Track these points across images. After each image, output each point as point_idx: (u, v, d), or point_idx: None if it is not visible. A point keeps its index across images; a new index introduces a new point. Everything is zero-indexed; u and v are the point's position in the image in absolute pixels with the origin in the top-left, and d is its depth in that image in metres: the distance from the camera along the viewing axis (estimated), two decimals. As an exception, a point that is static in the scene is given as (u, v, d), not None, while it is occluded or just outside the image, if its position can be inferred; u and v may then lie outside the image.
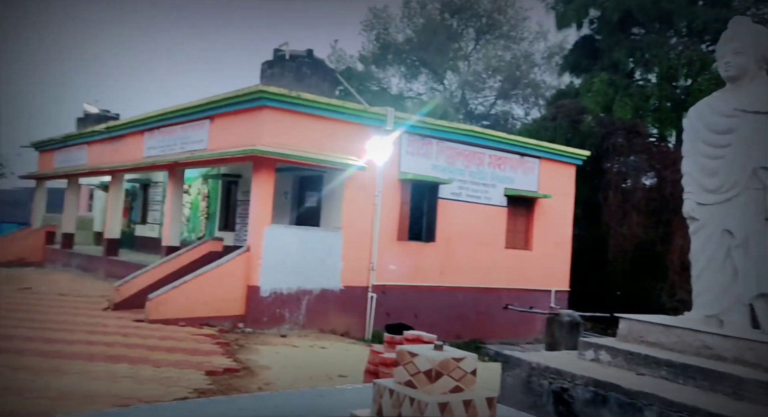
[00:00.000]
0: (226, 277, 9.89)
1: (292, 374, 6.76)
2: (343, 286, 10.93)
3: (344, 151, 10.90)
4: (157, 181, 18.00)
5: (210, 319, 9.59)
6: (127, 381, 5.63)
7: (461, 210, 12.68)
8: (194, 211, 16.20)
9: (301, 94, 10.47)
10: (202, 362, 6.75)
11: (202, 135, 11.90)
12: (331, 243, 10.87)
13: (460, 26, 27.68)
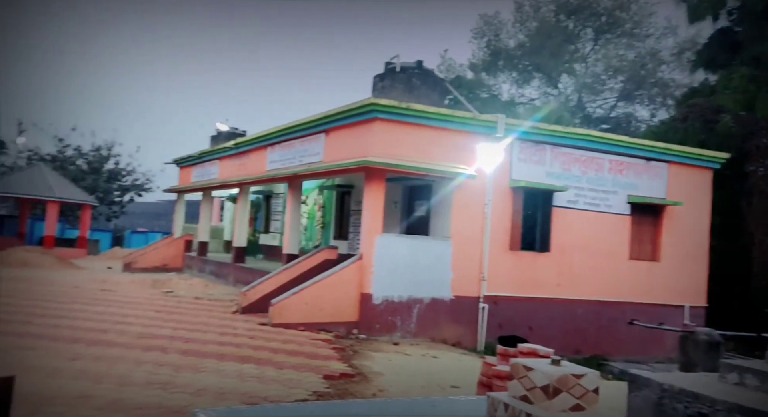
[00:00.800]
0: (341, 284, 10.27)
1: (405, 382, 6.83)
2: (454, 296, 10.85)
3: (453, 159, 10.87)
4: (278, 192, 19.23)
5: (326, 325, 10.00)
6: (253, 381, 6.05)
7: (579, 218, 12.06)
8: (311, 221, 17.05)
9: (410, 105, 10.63)
10: (320, 366, 7.05)
11: (318, 148, 12.51)
12: (441, 252, 10.86)
13: (577, 27, 26.53)
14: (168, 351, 7.14)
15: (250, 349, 7.72)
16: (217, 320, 10.14)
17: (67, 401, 4.81)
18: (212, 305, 12.13)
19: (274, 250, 18.28)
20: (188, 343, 7.77)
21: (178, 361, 6.66)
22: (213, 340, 8.15)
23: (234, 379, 6.02)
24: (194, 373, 6.17)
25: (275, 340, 8.53)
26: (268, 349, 7.83)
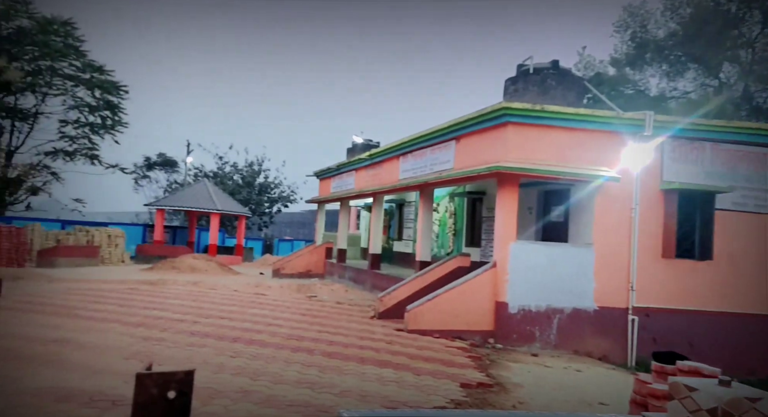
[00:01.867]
0: (475, 292, 10.15)
1: (547, 395, 6.54)
2: (598, 307, 10.16)
3: (594, 161, 10.23)
4: (410, 200, 19.62)
5: (461, 333, 9.94)
6: (392, 385, 6.21)
7: (748, 222, 10.66)
8: (443, 228, 17.11)
9: (545, 107, 10.24)
10: (456, 374, 7.03)
11: (449, 155, 12.55)
12: (582, 260, 10.24)
13: (741, 10, 23.57)
14: (314, 353, 7.61)
15: (389, 353, 7.94)
16: (357, 324, 10.58)
17: (230, 395, 5.34)
18: (352, 310, 12.69)
19: (407, 257, 18.64)
20: (332, 345, 8.21)
21: (323, 362, 7.07)
22: (354, 343, 8.52)
23: (375, 383, 6.23)
24: (338, 374, 6.50)
25: (412, 346, 8.68)
26: (405, 354, 7.99)
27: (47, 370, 5.75)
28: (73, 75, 28.31)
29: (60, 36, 26.60)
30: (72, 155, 29.73)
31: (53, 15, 26.62)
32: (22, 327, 8.12)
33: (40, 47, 25.90)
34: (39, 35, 25.46)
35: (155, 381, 1.57)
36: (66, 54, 27.07)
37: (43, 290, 13.16)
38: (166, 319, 9.55)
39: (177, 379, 1.58)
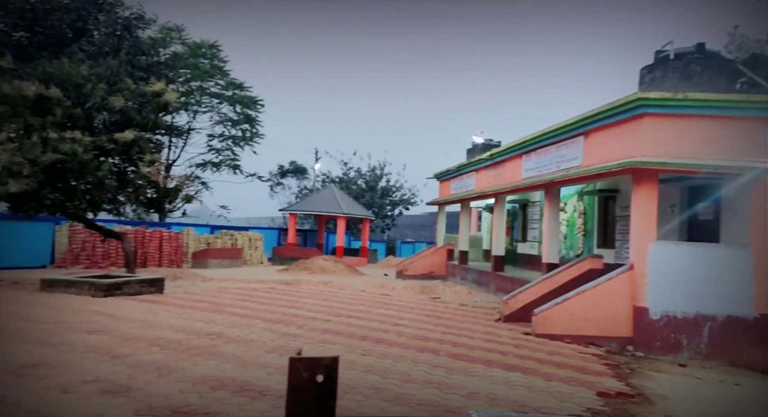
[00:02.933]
0: (609, 295, 9.54)
1: (697, 410, 5.95)
2: (759, 314, 9.03)
3: (749, 153, 9.11)
4: (534, 200, 18.94)
5: (595, 339, 9.39)
6: (521, 389, 6.06)
7: None
8: (571, 229, 16.28)
9: (688, 95, 9.34)
10: (591, 382, 6.66)
11: (577, 152, 11.92)
12: (737, 262, 9.17)
13: None
14: (439, 353, 7.66)
15: (516, 357, 7.75)
16: (482, 327, 10.45)
17: (362, 391, 5.58)
18: (476, 312, 12.56)
19: (532, 259, 18.00)
20: (457, 347, 8.21)
21: (449, 363, 7.10)
22: (479, 346, 8.44)
23: (503, 386, 6.12)
24: (465, 376, 6.48)
25: (540, 351, 8.39)
26: (534, 359, 7.74)
27: (205, 360, 6.44)
28: (218, 93, 31.47)
29: (207, 58, 29.72)
30: (218, 166, 33.00)
31: (201, 39, 29.82)
32: (182, 321, 9.16)
33: (191, 69, 29.15)
34: (190, 59, 28.67)
35: (305, 365, 1.72)
36: (213, 74, 30.18)
37: (198, 288, 14.74)
38: (302, 317, 10.20)
39: (324, 365, 1.72)
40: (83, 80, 13.68)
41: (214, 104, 32.03)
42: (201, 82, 30.43)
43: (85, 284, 11.91)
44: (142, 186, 15.12)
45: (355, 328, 9.37)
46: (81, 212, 14.58)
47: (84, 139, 13.11)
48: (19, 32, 19.97)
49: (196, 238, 26.17)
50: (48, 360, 5.97)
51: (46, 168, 12.76)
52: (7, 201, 13.24)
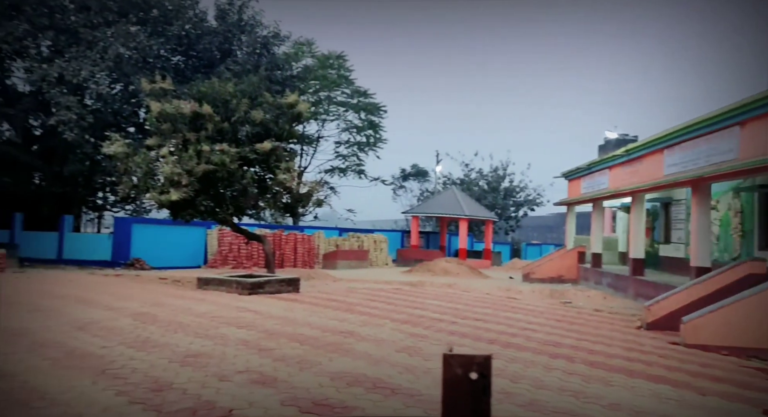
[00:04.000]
0: (776, 305, 8.40)
1: None
2: None
3: None
4: (678, 198, 17.27)
5: (758, 352, 8.34)
6: (671, 403, 5.57)
7: None
8: (725, 229, 14.59)
9: None
10: (756, 398, 5.93)
11: (731, 144, 10.68)
12: None
13: None
14: (574, 361, 7.30)
15: (663, 368, 7.13)
16: (620, 335, 9.76)
17: (493, 395, 5.50)
18: (612, 319, 11.77)
19: (677, 262, 16.43)
20: (593, 354, 7.76)
21: (585, 371, 6.73)
22: (619, 354, 7.90)
23: (648, 399, 5.68)
24: (604, 385, 6.11)
25: (692, 362, 7.63)
26: (685, 371, 7.06)
27: (340, 357, 6.78)
28: (344, 101, 33.03)
29: (334, 69, 31.35)
30: (344, 171, 34.57)
31: (329, 51, 31.52)
32: (318, 319, 9.72)
33: (320, 80, 30.92)
34: (319, 70, 30.45)
35: (459, 362, 1.76)
36: (339, 84, 31.76)
37: (329, 288, 15.55)
38: (428, 318, 10.31)
39: (477, 362, 1.75)
40: (230, 97, 15.10)
41: (341, 112, 33.60)
42: (329, 91, 32.11)
43: (233, 283, 13.13)
44: (279, 192, 16.30)
45: (482, 331, 9.26)
46: (228, 217, 16.08)
47: (231, 150, 14.46)
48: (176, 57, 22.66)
49: (326, 241, 27.60)
50: (207, 350, 6.68)
51: (200, 178, 14.27)
52: (168, 208, 15.01)
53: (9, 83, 21.73)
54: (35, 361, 5.75)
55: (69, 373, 5.35)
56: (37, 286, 13.21)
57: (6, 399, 4.49)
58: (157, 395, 4.81)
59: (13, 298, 10.71)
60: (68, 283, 14.42)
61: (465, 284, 18.48)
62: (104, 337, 7.16)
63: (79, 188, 25.13)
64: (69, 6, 19.38)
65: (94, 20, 19.18)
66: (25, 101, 20.65)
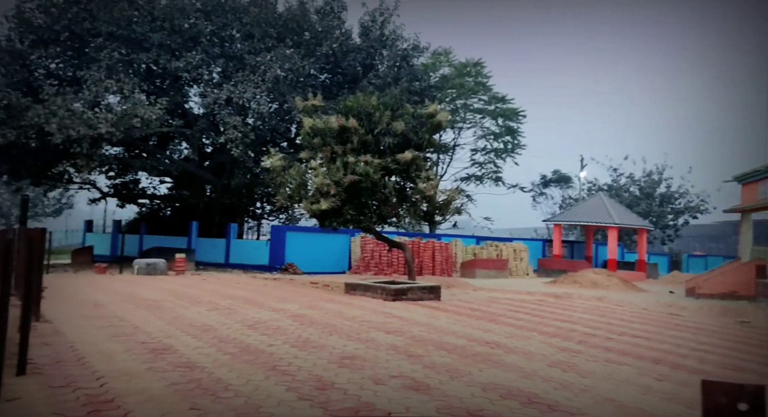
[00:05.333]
0: None
1: None
2: None
3: None
4: None
5: None
6: None
7: None
8: None
9: None
10: None
11: None
12: None
13: None
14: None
15: None
16: (819, 364, 8.34)
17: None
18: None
19: None
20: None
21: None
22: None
23: None
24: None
25: None
26: None
27: (489, 368, 6.68)
28: (481, 108, 32.77)
29: (472, 76, 31.30)
30: (481, 179, 34.17)
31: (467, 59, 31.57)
32: (461, 327, 9.69)
33: (457, 89, 31.06)
34: (456, 79, 30.62)
35: (723, 390, 1.63)
36: (477, 91, 31.63)
37: (470, 297, 15.43)
38: (579, 332, 9.74)
39: (747, 392, 1.61)
40: (373, 109, 15.78)
41: (477, 119, 33.35)
42: (465, 99, 32.10)
43: (378, 289, 13.62)
44: (418, 200, 16.60)
45: (643, 349, 8.50)
46: (372, 225, 16.75)
47: (374, 161, 15.07)
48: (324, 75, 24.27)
49: (463, 249, 27.45)
50: (360, 353, 7.00)
51: (347, 188, 15.07)
52: (317, 217, 16.04)
53: (187, 107, 24.96)
54: (218, 355, 6.48)
55: (245, 367, 5.94)
56: (212, 287, 14.92)
57: (197, 388, 5.12)
58: (322, 393, 5.14)
59: (197, 298, 12.22)
60: (235, 284, 16.08)
61: (617, 298, 17.15)
62: (271, 336, 7.85)
63: (243, 199, 27.97)
64: (236, 35, 21.76)
65: (256, 46, 21.30)
66: (200, 122, 23.57)
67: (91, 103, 18.57)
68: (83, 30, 19.90)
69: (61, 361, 5.80)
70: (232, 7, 21.89)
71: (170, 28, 20.48)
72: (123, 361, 5.97)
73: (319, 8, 23.78)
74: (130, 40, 20.15)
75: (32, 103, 17.93)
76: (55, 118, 17.08)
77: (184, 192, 28.62)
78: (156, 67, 21.67)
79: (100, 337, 7.29)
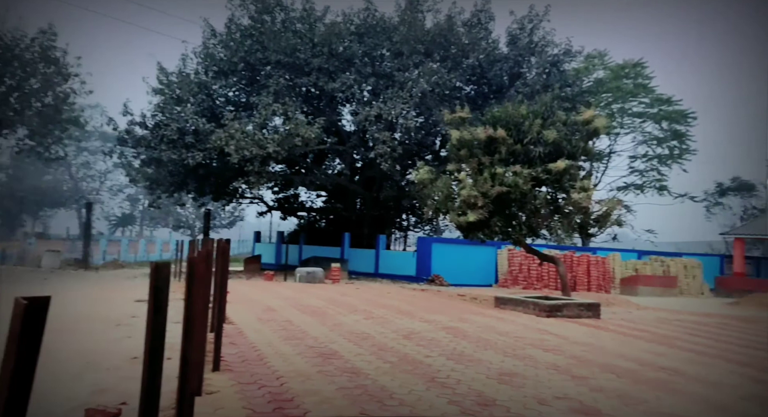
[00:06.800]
0: None
1: None
2: None
3: None
4: None
5: None
6: None
7: None
8: None
9: None
10: None
11: None
12: None
13: None
14: None
15: None
16: None
17: None
18: None
19: None
20: None
21: None
22: None
23: None
24: None
25: None
26: None
27: (669, 396, 6.04)
28: (641, 112, 30.13)
29: (630, 78, 29.00)
30: (641, 188, 31.33)
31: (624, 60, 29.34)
32: (628, 349, 8.91)
33: (614, 92, 29.00)
34: (612, 82, 28.58)
35: None
36: (636, 93, 29.20)
37: (634, 316, 14.15)
38: (778, 365, 8.39)
39: None
40: (522, 119, 15.36)
41: (637, 124, 30.72)
42: (622, 103, 29.78)
43: (531, 304, 13.11)
44: (572, 212, 15.71)
45: None
46: (521, 237, 16.22)
47: (523, 171, 14.63)
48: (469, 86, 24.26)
49: (622, 264, 25.36)
50: (519, 371, 6.77)
51: (494, 199, 14.81)
52: (462, 229, 15.95)
53: (340, 125, 26.63)
54: (379, 363, 6.73)
55: (406, 377, 6.09)
56: (365, 296, 15.60)
57: (363, 393, 5.35)
58: (485, 409, 5.06)
59: (353, 306, 12.88)
60: (386, 294, 16.63)
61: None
62: (426, 347, 7.95)
63: (390, 211, 28.96)
64: (386, 54, 22.74)
65: (405, 63, 22.06)
66: (352, 139, 24.96)
67: (261, 125, 20.67)
68: (256, 60, 22.30)
69: (246, 360, 6.47)
70: (383, 28, 22.92)
71: (328, 53, 22.06)
72: (297, 362, 6.48)
73: (466, 21, 23.87)
74: (294, 66, 22.10)
75: (214, 128, 20.50)
76: (233, 141, 19.31)
77: (337, 205, 30.47)
78: (314, 89, 23.47)
79: (276, 339, 8.00)
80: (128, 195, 63.78)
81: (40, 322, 1.44)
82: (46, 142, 20.91)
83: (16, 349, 1.41)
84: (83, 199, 55.13)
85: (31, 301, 1.45)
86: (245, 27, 22.86)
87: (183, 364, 3.29)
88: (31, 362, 1.45)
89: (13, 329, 1.45)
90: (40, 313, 1.46)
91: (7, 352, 1.44)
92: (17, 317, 1.42)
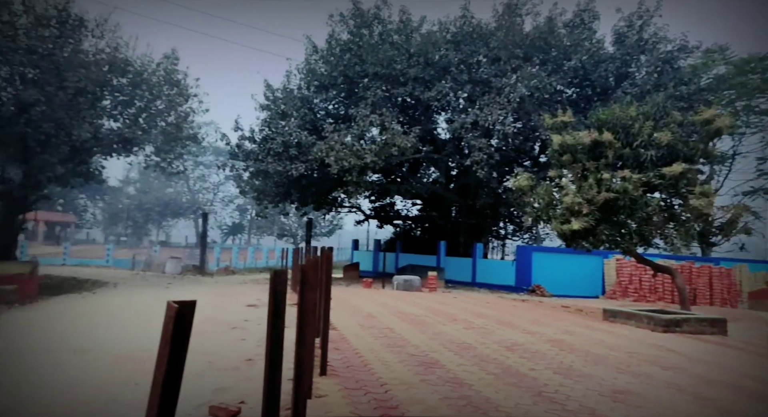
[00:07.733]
0: None
1: None
2: None
3: None
4: None
5: None
6: None
7: None
8: None
9: None
10: None
11: None
12: None
13: None
14: None
15: None
16: None
17: None
18: None
19: None
20: None
21: None
22: None
23: None
24: None
25: None
26: None
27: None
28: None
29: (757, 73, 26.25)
30: (773, 192, 28.14)
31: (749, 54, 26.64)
32: (761, 372, 8.01)
33: (737, 89, 26.37)
34: (736, 78, 26.05)
35: None
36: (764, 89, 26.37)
37: (765, 334, 12.71)
38: None
39: None
40: (631, 121, 14.45)
41: (765, 123, 27.69)
42: (748, 100, 27.00)
43: (644, 318, 12.22)
44: (690, 219, 14.48)
45: None
46: (632, 247, 15.20)
47: (633, 176, 13.73)
48: (570, 89, 23.27)
49: (750, 276, 22.90)
50: (635, 389, 6.32)
51: (601, 206, 14.02)
52: (566, 237, 15.23)
53: (436, 133, 26.64)
54: (482, 374, 6.60)
55: (511, 390, 5.91)
56: (463, 305, 15.41)
57: (468, 405, 5.28)
58: (598, 429, 4.78)
59: (452, 315, 12.78)
60: (485, 304, 16.30)
61: None
62: (530, 360, 7.68)
63: (487, 219, 28.42)
64: (483, 60, 22.48)
65: (502, 69, 21.65)
66: (447, 147, 24.87)
67: (359, 136, 21.24)
68: (354, 73, 23.00)
69: (350, 366, 6.64)
70: (480, 34, 22.66)
71: (424, 62, 22.21)
72: (399, 370, 6.54)
73: (567, 22, 22.97)
74: (391, 78, 22.50)
75: (316, 140, 21.37)
76: (333, 152, 20.01)
77: (432, 213, 30.45)
78: (410, 99, 23.70)
79: (378, 346, 8.13)
80: (238, 205, 68.25)
81: (188, 324, 1.58)
82: (168, 158, 23.01)
83: (168, 348, 1.54)
84: (199, 209, 59.80)
85: (180, 305, 1.58)
86: (344, 41, 23.67)
87: (297, 367, 3.45)
88: (181, 360, 1.59)
89: (166, 329, 1.58)
90: (188, 315, 1.59)
91: (161, 350, 1.58)
92: (170, 319, 1.56)
